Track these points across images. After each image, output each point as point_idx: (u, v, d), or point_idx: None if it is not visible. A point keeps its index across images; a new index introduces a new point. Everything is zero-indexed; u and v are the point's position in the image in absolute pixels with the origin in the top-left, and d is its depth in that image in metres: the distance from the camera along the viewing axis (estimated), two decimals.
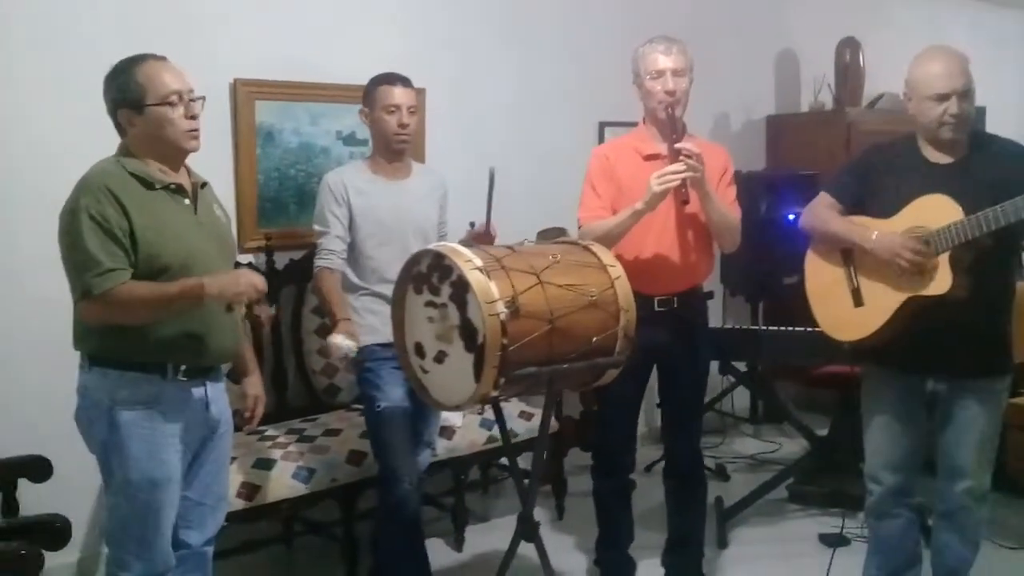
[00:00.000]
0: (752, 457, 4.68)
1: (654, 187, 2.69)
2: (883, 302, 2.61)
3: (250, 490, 2.96)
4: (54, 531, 1.92)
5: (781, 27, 5.48)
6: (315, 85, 3.66)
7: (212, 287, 2.21)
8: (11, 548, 1.81)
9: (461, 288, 2.36)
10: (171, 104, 2.25)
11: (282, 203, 3.66)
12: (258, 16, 3.55)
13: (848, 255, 2.73)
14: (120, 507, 2.30)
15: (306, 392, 3.64)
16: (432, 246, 2.52)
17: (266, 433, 3.27)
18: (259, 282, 2.28)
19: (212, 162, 2.93)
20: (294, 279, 3.59)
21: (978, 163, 2.57)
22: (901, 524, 2.84)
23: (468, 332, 2.36)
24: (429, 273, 2.49)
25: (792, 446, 4.77)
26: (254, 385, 2.63)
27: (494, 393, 2.37)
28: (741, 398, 5.17)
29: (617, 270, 2.56)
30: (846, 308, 2.72)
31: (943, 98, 2.53)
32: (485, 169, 2.78)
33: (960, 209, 2.45)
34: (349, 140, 3.79)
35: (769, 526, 3.82)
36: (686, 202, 2.73)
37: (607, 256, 2.60)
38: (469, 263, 2.34)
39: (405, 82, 2.95)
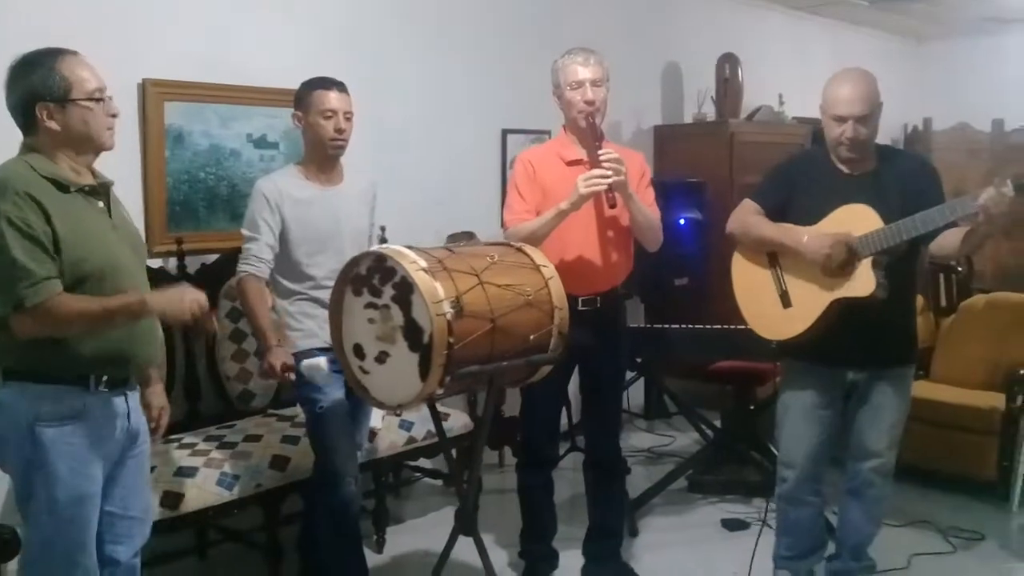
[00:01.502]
0: (649, 450, 4.89)
1: (581, 189, 2.81)
2: (811, 303, 2.80)
3: (173, 499, 2.89)
4: (3, 543, 1.84)
5: (666, 42, 5.75)
6: (226, 87, 3.60)
7: (156, 304, 2.17)
8: None
9: (405, 289, 2.42)
10: (96, 100, 2.19)
11: (192, 206, 3.58)
12: (168, 15, 3.47)
13: (774, 259, 2.91)
14: (43, 527, 2.19)
15: (219, 399, 3.56)
16: (373, 248, 2.56)
17: (183, 441, 3.20)
18: (202, 299, 2.23)
19: (120, 164, 2.85)
20: (206, 283, 3.46)
21: (887, 175, 2.82)
22: (811, 511, 3.06)
23: (413, 332, 2.41)
24: (369, 275, 2.53)
25: (684, 439, 5.01)
26: (158, 395, 2.54)
27: (439, 391, 2.44)
28: (635, 395, 5.38)
29: (550, 270, 2.68)
30: (775, 309, 2.89)
31: (841, 120, 2.75)
32: (392, 174, 2.72)
33: (879, 218, 2.68)
34: (260, 143, 3.74)
35: (674, 515, 4.02)
36: (613, 206, 2.87)
37: (539, 257, 2.71)
38: (414, 264, 2.40)
39: (341, 87, 2.94)
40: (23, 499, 2.21)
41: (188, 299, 2.19)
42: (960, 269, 5.37)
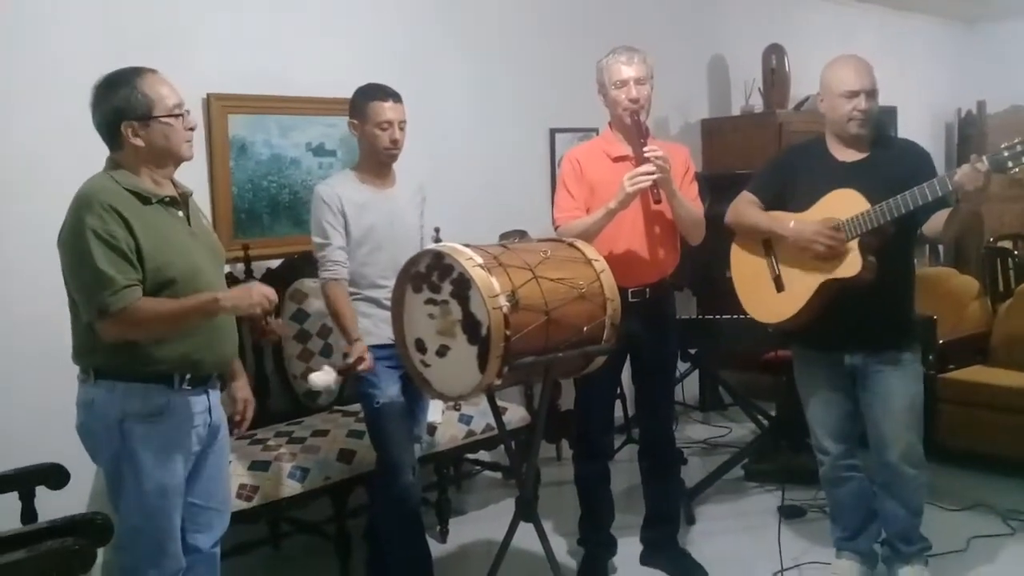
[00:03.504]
0: (705, 441, 4.95)
1: (627, 187, 2.90)
2: (801, 286, 2.90)
3: (250, 491, 3.05)
4: (96, 528, 1.99)
5: (711, 35, 5.81)
6: (285, 99, 3.77)
7: (227, 301, 2.28)
8: (67, 544, 1.87)
9: (463, 285, 2.52)
10: (177, 116, 2.33)
11: (256, 214, 3.75)
12: (229, 33, 3.64)
13: (768, 246, 3.02)
14: (132, 516, 2.34)
15: (287, 397, 3.73)
16: (431, 247, 2.68)
17: (256, 436, 3.36)
18: (271, 294, 2.34)
19: (188, 176, 2.97)
20: (272, 287, 3.66)
21: (881, 161, 2.89)
22: (854, 487, 3.14)
23: (471, 326, 2.52)
24: (428, 273, 2.64)
25: (740, 430, 5.05)
26: (243, 389, 2.68)
27: (498, 382, 2.54)
28: (690, 387, 5.44)
29: (601, 264, 2.77)
30: (769, 294, 3.01)
31: (853, 95, 2.85)
32: (444, 176, 2.82)
33: (866, 201, 2.76)
34: (318, 151, 3.90)
35: (731, 503, 4.08)
36: (658, 202, 2.95)
37: (591, 251, 2.80)
38: (471, 260, 2.51)
39: (396, 97, 3.04)
40: (114, 490, 2.37)
41: (256, 294, 2.30)
42: (1016, 253, 5.33)
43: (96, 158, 2.39)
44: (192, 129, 2.41)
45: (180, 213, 2.40)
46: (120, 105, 2.27)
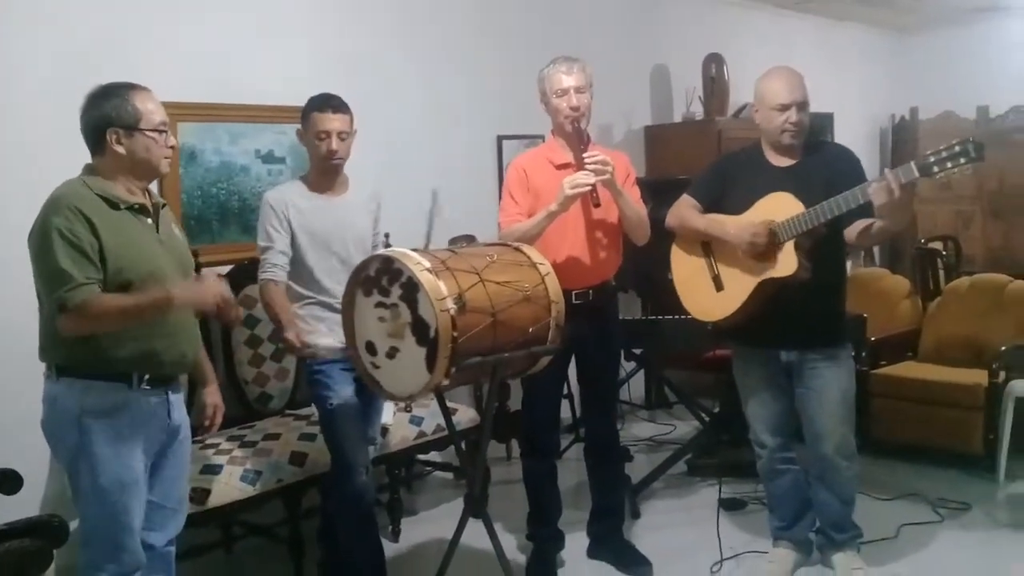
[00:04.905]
0: (651, 439, 5.08)
1: (567, 190, 3.01)
2: (740, 285, 3.04)
3: (201, 495, 3.08)
4: (53, 529, 2.03)
5: (654, 45, 5.96)
6: (234, 106, 3.81)
7: (181, 297, 2.38)
8: (23, 545, 1.92)
9: (412, 288, 2.60)
10: (160, 132, 2.44)
11: (206, 221, 3.79)
12: (178, 40, 3.67)
13: (708, 247, 3.16)
14: (90, 512, 2.40)
15: (238, 401, 3.76)
16: (380, 252, 2.75)
17: (207, 441, 3.39)
18: (225, 291, 2.46)
19: None
20: None
21: (812, 165, 3.04)
22: (789, 479, 3.28)
23: (420, 328, 2.60)
24: (378, 277, 2.71)
25: (684, 427, 5.19)
26: (212, 394, 2.79)
27: (446, 382, 2.62)
28: (636, 387, 5.57)
29: (546, 267, 2.86)
30: (709, 293, 3.14)
31: (785, 108, 2.99)
32: (394, 182, 2.91)
33: (800, 204, 2.90)
34: (268, 158, 3.95)
35: (675, 497, 4.21)
36: (598, 205, 3.06)
37: (536, 255, 2.89)
38: (419, 265, 2.58)
39: (337, 107, 3.10)
40: (74, 486, 2.42)
41: (211, 291, 2.42)
42: (946, 254, 5.56)
43: (65, 165, 2.46)
44: (172, 148, 2.52)
45: (149, 221, 2.48)
46: (110, 112, 2.39)
